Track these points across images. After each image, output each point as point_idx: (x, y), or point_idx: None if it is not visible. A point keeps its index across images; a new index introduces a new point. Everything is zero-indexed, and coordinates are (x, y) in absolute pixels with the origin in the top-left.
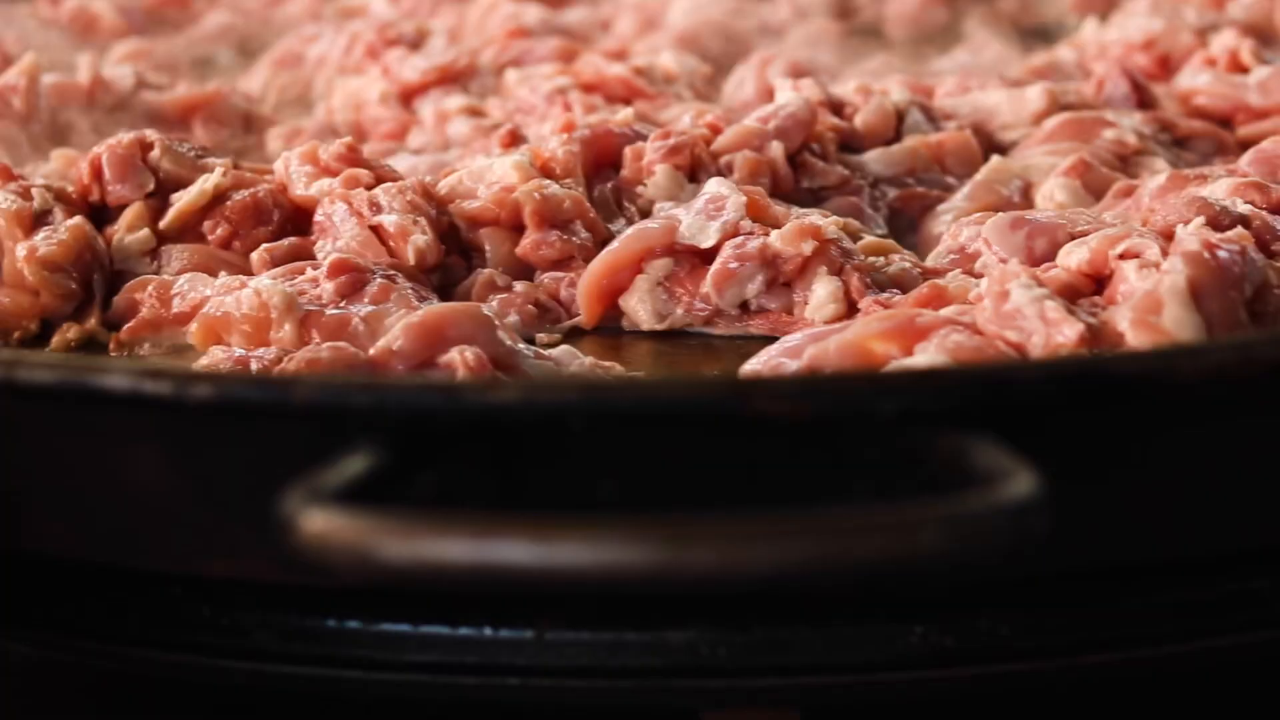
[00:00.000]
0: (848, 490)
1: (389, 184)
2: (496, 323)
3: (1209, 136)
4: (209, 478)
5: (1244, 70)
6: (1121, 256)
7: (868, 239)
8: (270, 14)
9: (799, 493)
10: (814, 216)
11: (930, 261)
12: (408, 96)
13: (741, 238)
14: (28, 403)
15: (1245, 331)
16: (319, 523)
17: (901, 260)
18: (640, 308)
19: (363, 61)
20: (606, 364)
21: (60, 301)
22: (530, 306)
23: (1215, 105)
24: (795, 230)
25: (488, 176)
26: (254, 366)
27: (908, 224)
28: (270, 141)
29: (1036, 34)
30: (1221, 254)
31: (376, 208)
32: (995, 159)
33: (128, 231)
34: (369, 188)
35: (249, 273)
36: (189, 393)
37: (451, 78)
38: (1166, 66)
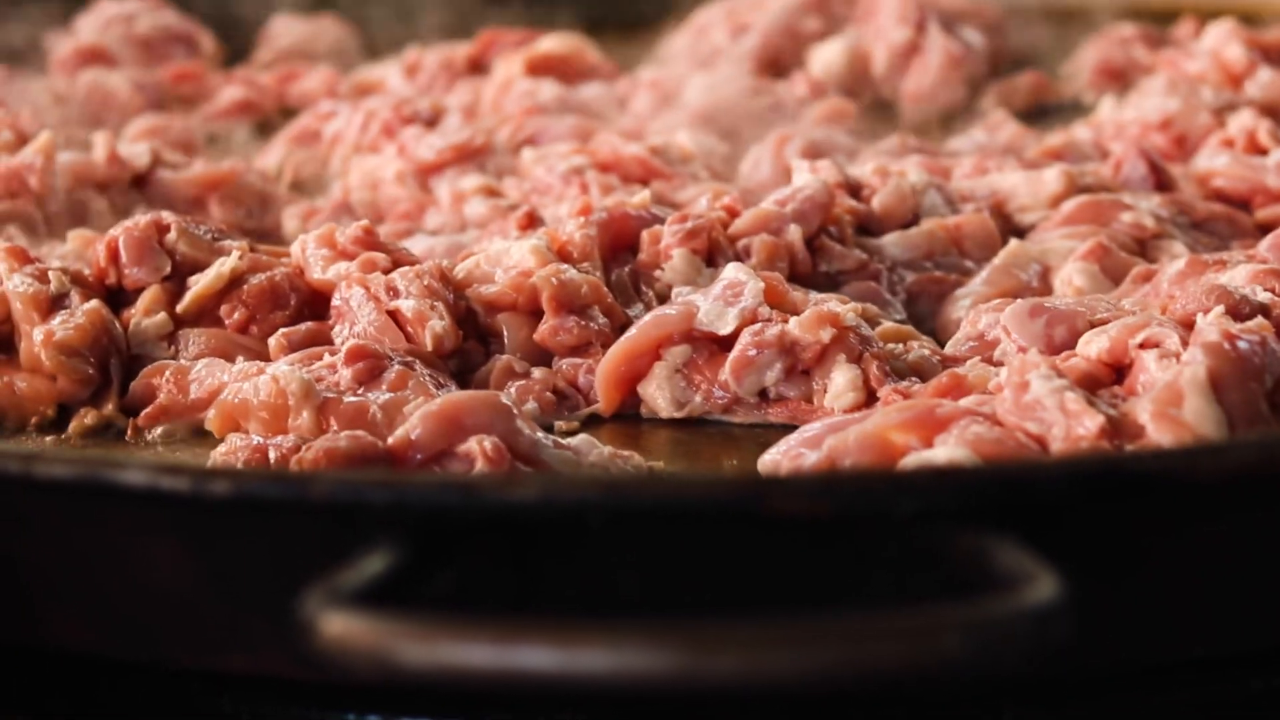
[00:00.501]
0: (869, 590)
1: (406, 268)
2: (515, 412)
3: (1227, 219)
4: (227, 574)
5: (1262, 151)
6: (1141, 346)
7: (886, 325)
8: (285, 89)
9: (820, 592)
10: (832, 303)
11: (949, 349)
12: (424, 175)
13: (760, 325)
14: (45, 497)
15: (1266, 424)
16: (339, 626)
17: (920, 347)
18: (659, 395)
19: (379, 139)
20: (625, 453)
21: (77, 386)
22: (548, 393)
23: (1233, 187)
24: (814, 317)
25: (505, 261)
26: (272, 454)
27: (926, 308)
28: (287, 220)
29: (1053, 112)
30: (1242, 345)
31: (394, 292)
32: (1013, 243)
33: (145, 315)
34: (386, 271)
35: (266, 357)
36: (207, 489)
37: (467, 156)
38: (1184, 146)
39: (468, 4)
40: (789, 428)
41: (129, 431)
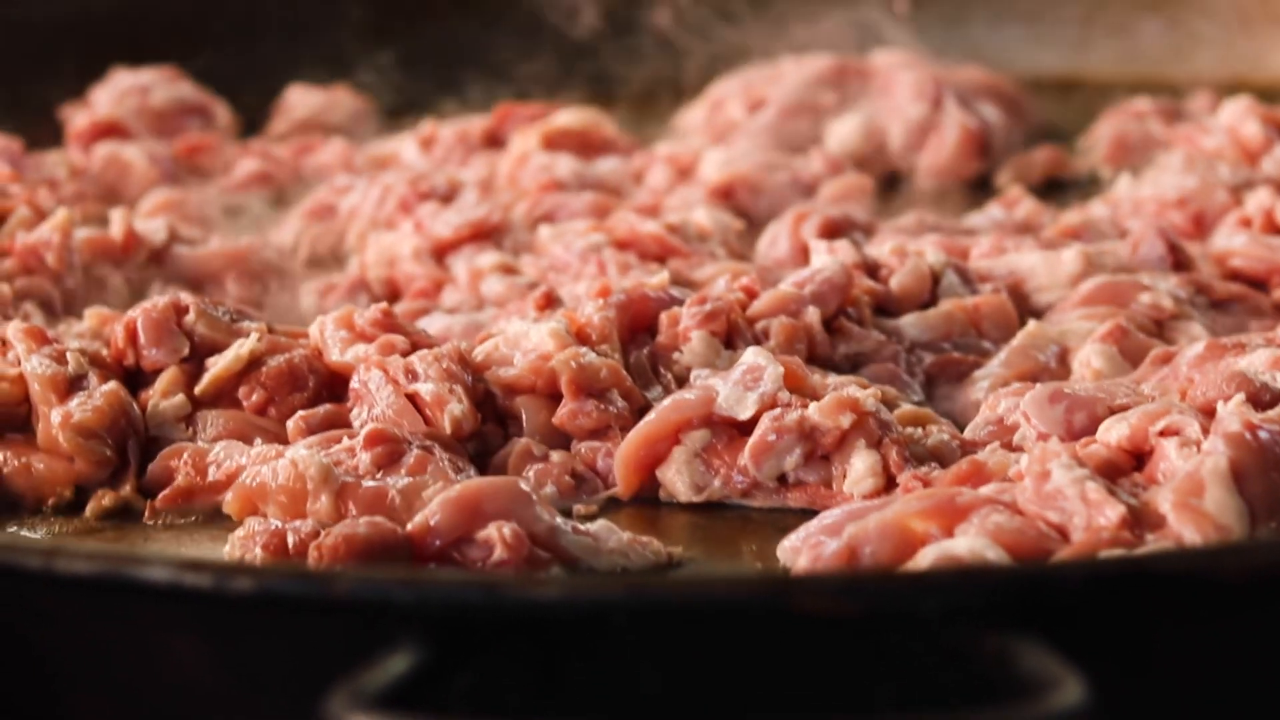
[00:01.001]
0: (893, 692)
1: (425, 351)
2: (534, 498)
3: (1245, 300)
4: (250, 671)
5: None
6: (1162, 434)
7: (905, 408)
8: (301, 162)
9: (846, 694)
10: (852, 388)
11: (968, 433)
12: (441, 252)
13: (779, 410)
14: (67, 592)
15: None
16: None
17: (939, 432)
18: (678, 480)
19: (395, 215)
20: (644, 539)
21: (95, 468)
22: (567, 477)
23: (1251, 267)
24: (834, 403)
25: (524, 343)
26: (290, 539)
27: (944, 390)
28: (303, 296)
29: (1069, 186)
30: (1263, 435)
31: (413, 375)
32: (1032, 324)
33: (163, 397)
34: (405, 354)
35: (284, 439)
36: (229, 586)
37: (484, 233)
38: (1201, 224)
39: (484, 75)
40: (808, 513)
41: (147, 514)
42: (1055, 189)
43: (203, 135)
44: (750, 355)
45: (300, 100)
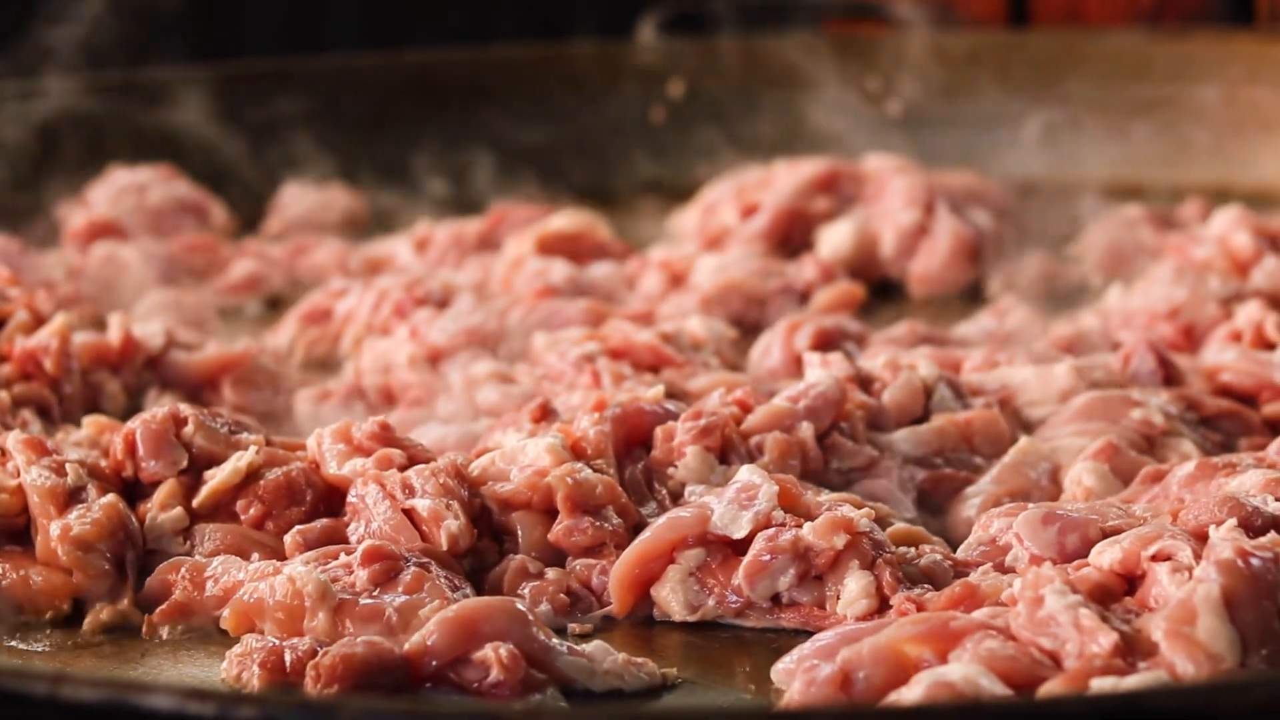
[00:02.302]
0: None
1: (422, 466)
2: (530, 619)
3: (1235, 416)
4: None
5: (1270, 345)
6: (1154, 558)
7: (898, 525)
8: (296, 263)
9: None
10: (845, 508)
11: (961, 553)
12: (436, 359)
13: (774, 529)
14: (72, 719)
15: (1279, 642)
16: None
17: (932, 552)
18: (672, 599)
19: (390, 320)
20: (639, 660)
21: (93, 582)
22: (562, 595)
23: (1241, 383)
24: (828, 523)
25: (520, 459)
26: (288, 657)
27: (936, 505)
28: (299, 403)
29: (1061, 294)
30: (1255, 562)
31: (410, 490)
32: (1023, 440)
33: (161, 510)
34: (402, 468)
35: (281, 553)
36: (233, 715)
37: (479, 340)
38: (1191, 336)
39: (478, 177)
40: (802, 633)
41: (145, 629)
42: (1047, 296)
43: (199, 235)
44: (745, 473)
45: (295, 199)
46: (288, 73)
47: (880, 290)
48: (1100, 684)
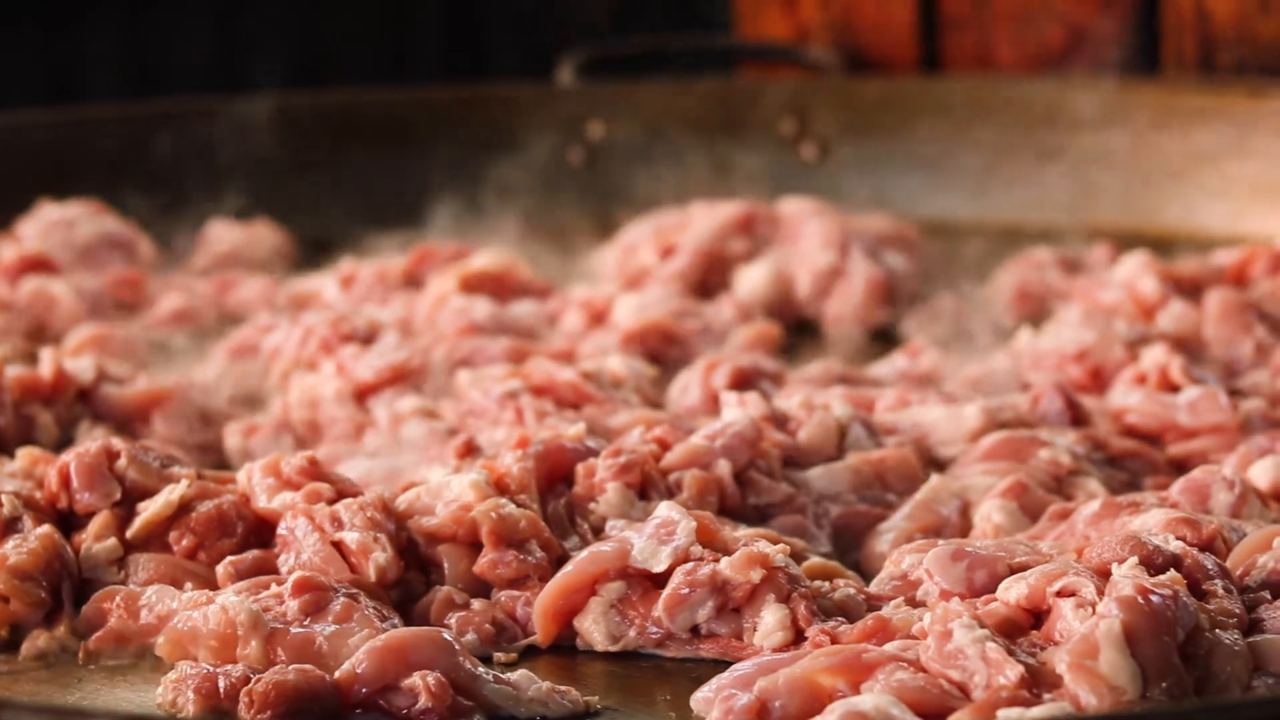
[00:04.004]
0: None
1: (350, 500)
2: (457, 648)
3: (1140, 456)
4: None
5: (1174, 387)
6: (1059, 594)
7: (813, 560)
8: (224, 298)
9: None
10: (762, 543)
11: (873, 587)
12: (362, 395)
13: (692, 564)
14: None
15: (1179, 676)
16: None
17: (845, 586)
18: (594, 629)
19: (317, 355)
20: (563, 689)
21: (30, 609)
22: (488, 625)
23: (1146, 424)
24: (744, 558)
25: (445, 494)
26: (221, 683)
27: (850, 540)
28: (228, 436)
29: (973, 335)
30: (1155, 599)
31: (338, 523)
32: (934, 479)
33: (95, 540)
34: (330, 501)
35: (214, 583)
36: None
37: (404, 377)
38: (1099, 378)
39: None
40: (720, 663)
41: (81, 655)
42: (958, 338)
43: (127, 270)
44: (664, 509)
45: (221, 235)
46: (213, 111)
47: (796, 330)
48: (1006, 715)
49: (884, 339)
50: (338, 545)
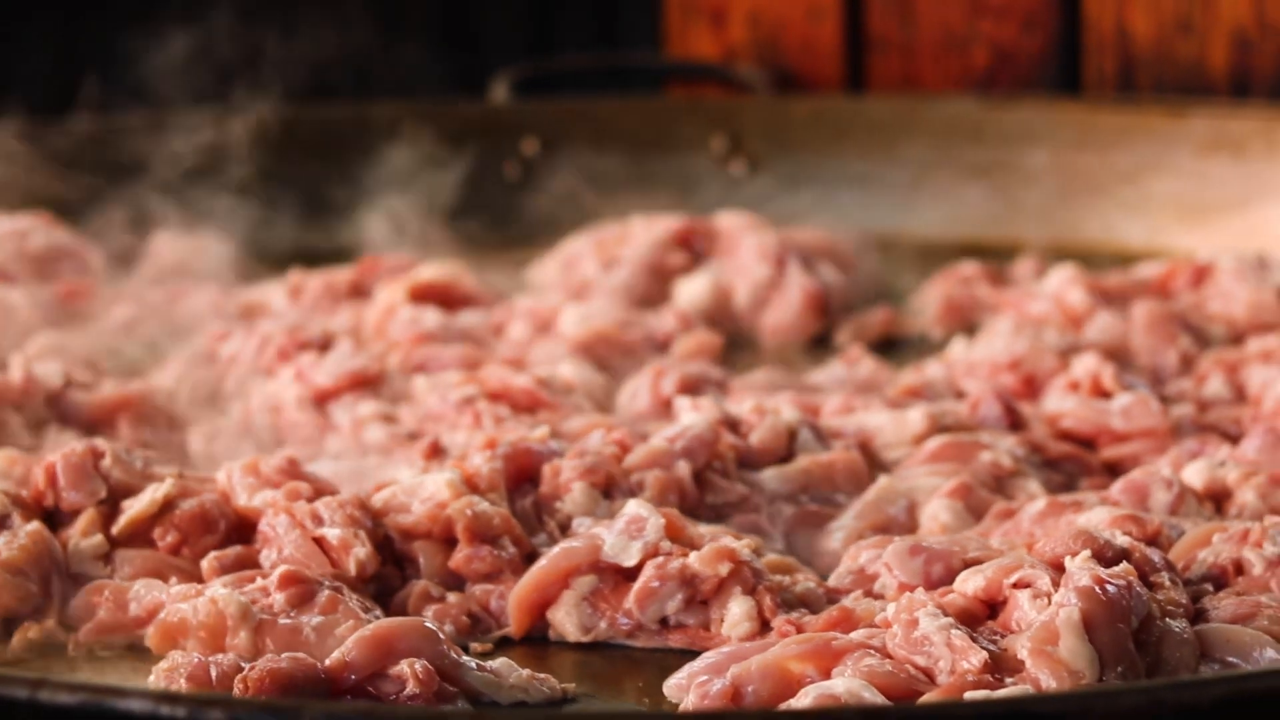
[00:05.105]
0: None
1: (329, 498)
2: (441, 636)
3: (1076, 459)
4: None
5: (1106, 394)
6: (1015, 586)
7: (771, 556)
8: (173, 309)
9: None
10: (727, 539)
11: (832, 581)
12: (322, 400)
13: (662, 558)
14: None
15: (1133, 661)
16: None
17: (805, 580)
18: (567, 621)
19: (274, 363)
20: (541, 676)
21: (20, 603)
22: (464, 617)
23: (1080, 428)
24: (712, 553)
25: (420, 492)
26: (213, 672)
27: (802, 539)
28: (192, 441)
29: (904, 346)
30: (1110, 589)
31: (318, 520)
32: (882, 479)
33: (82, 537)
34: (309, 499)
35: (198, 578)
36: (203, 715)
37: (363, 383)
38: (1032, 386)
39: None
40: (687, 653)
41: (71, 646)
42: (890, 348)
43: (79, 280)
44: (633, 507)
45: (167, 246)
46: (161, 124)
47: (734, 341)
48: (973, 697)
49: (818, 349)
50: (318, 541)
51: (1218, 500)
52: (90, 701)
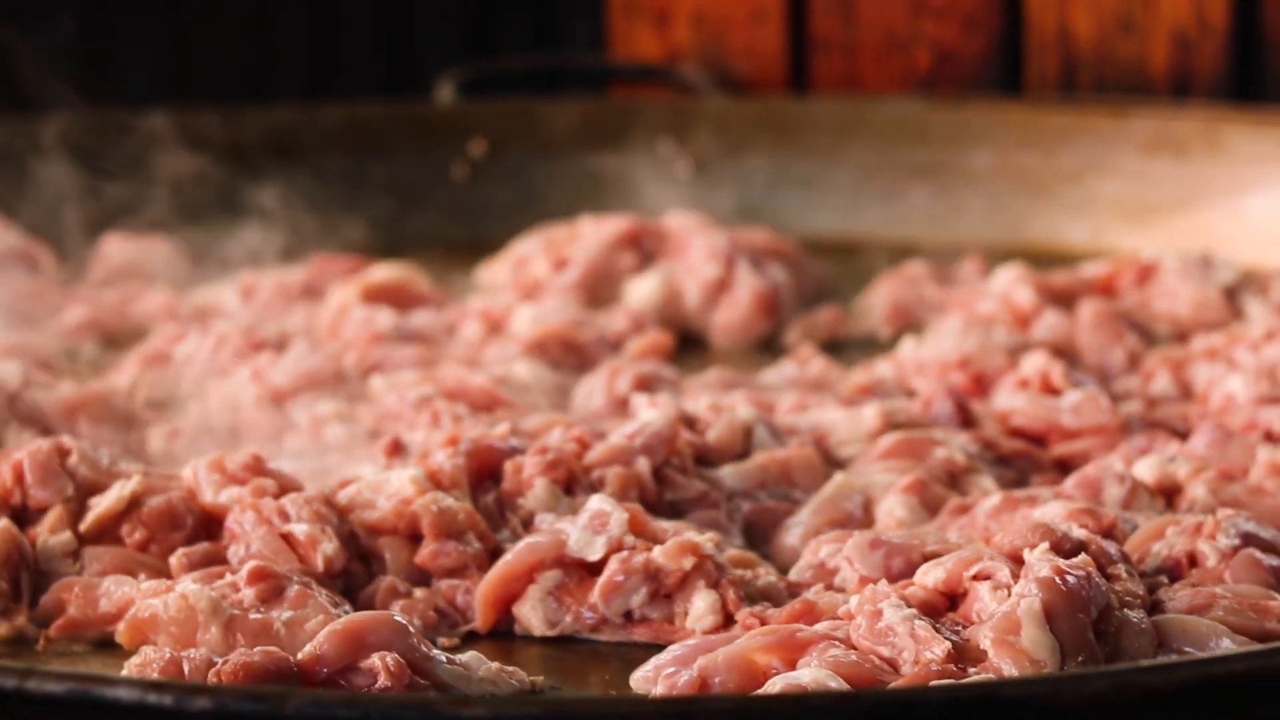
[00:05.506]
0: None
1: (295, 494)
2: (411, 630)
3: (1027, 455)
4: None
5: (1055, 391)
6: (975, 578)
7: (731, 551)
8: (128, 309)
9: None
10: (690, 533)
11: (792, 575)
12: (279, 399)
13: (626, 552)
14: (38, 711)
15: (1093, 650)
16: None
17: (766, 574)
18: (532, 615)
19: (231, 362)
20: (510, 669)
21: None
22: (431, 612)
23: (1031, 425)
24: (676, 547)
25: (386, 489)
26: (185, 666)
27: (760, 535)
28: (151, 440)
29: (852, 346)
30: (1070, 579)
31: (285, 516)
32: (839, 476)
33: (50, 534)
34: (275, 496)
35: (166, 573)
36: (190, 704)
37: (320, 383)
38: (981, 384)
39: (291, 230)
40: (651, 646)
41: (41, 642)
42: (838, 348)
43: (31, 281)
44: (596, 502)
45: (117, 249)
46: (105, 127)
47: (684, 341)
48: (940, 685)
49: (767, 349)
50: (286, 537)
51: (1169, 495)
52: (78, 690)
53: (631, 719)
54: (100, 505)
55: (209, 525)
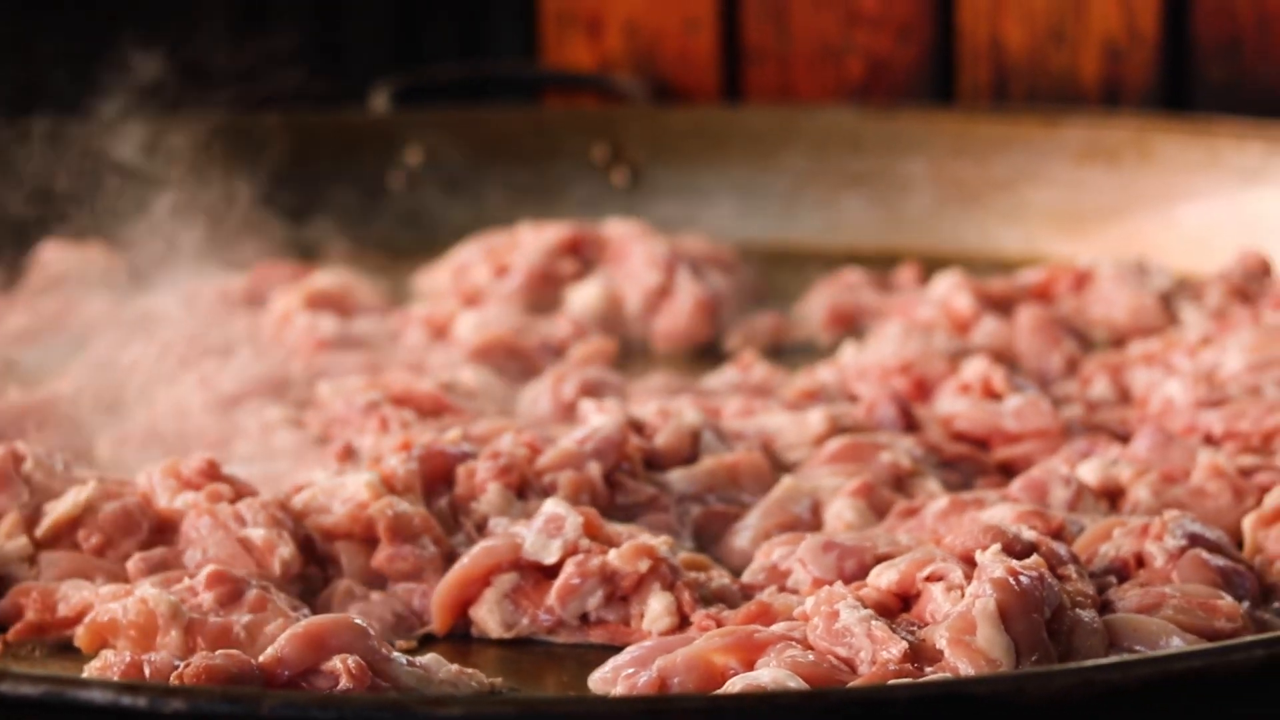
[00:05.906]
0: None
1: (251, 499)
2: (371, 633)
3: (970, 459)
4: None
5: (997, 396)
6: (928, 579)
7: (684, 554)
8: (68, 317)
9: None
10: (644, 536)
11: (745, 578)
12: (227, 405)
13: (581, 555)
14: (11, 713)
15: (1046, 649)
16: None
17: (719, 576)
18: (489, 618)
19: (176, 369)
20: (469, 670)
21: None
22: (388, 616)
23: (973, 429)
24: (631, 550)
25: (341, 494)
26: (146, 669)
27: (710, 538)
28: (100, 447)
29: (793, 351)
30: (1024, 580)
31: (241, 521)
32: (787, 479)
33: (6, 539)
34: (230, 501)
35: (123, 578)
36: (165, 706)
37: (267, 389)
38: (923, 389)
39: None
40: (608, 648)
41: None
42: (779, 353)
43: None
44: (550, 505)
45: (56, 257)
46: (57, 134)
47: (626, 347)
48: (897, 685)
49: (708, 355)
50: (242, 542)
51: (1112, 497)
52: (53, 693)
53: (601, 718)
54: (56, 510)
55: (164, 530)
